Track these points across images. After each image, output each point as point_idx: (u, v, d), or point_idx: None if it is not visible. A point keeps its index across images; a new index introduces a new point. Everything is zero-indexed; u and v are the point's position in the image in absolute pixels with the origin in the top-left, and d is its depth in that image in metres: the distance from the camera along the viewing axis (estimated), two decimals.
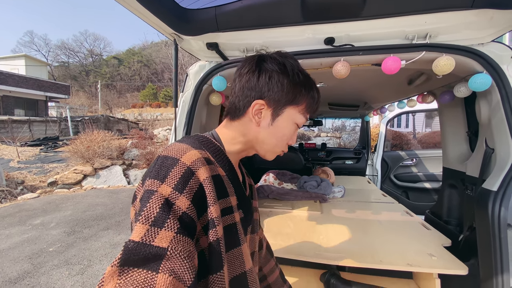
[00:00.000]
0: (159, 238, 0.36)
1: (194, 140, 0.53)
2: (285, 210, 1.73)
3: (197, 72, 1.23)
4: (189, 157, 0.45)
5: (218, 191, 0.48)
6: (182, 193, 0.41)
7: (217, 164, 0.52)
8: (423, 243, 1.22)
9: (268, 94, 0.56)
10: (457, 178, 1.32)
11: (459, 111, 1.35)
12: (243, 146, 0.60)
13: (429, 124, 12.03)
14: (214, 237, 0.44)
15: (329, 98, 2.60)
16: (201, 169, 0.45)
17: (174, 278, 0.34)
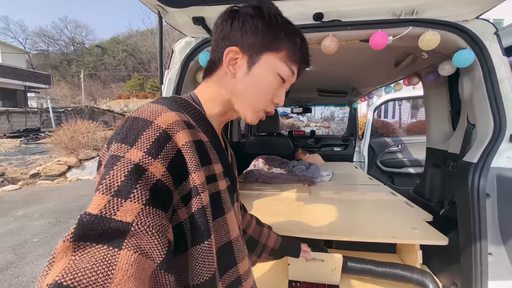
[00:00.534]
0: (123, 211, 0.30)
1: (171, 101, 0.47)
2: (274, 192, 1.74)
3: (183, 48, 1.20)
4: (165, 119, 0.39)
5: (201, 157, 0.43)
6: (156, 159, 0.35)
7: (198, 129, 0.47)
8: (406, 218, 1.26)
9: (241, 39, 0.50)
10: (440, 157, 1.36)
11: (443, 91, 1.38)
12: (223, 108, 0.54)
13: (414, 115, 12.36)
14: (198, 205, 0.39)
15: (318, 84, 2.61)
16: (179, 133, 0.39)
17: (140, 255, 0.30)
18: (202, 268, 0.39)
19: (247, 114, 0.54)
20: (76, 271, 0.26)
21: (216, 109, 0.54)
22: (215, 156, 0.49)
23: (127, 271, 0.28)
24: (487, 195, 0.86)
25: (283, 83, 0.53)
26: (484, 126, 0.98)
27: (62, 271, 0.26)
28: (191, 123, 0.45)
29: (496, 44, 0.96)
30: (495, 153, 0.89)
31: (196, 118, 0.48)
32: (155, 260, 0.31)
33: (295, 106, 3.62)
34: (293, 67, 0.53)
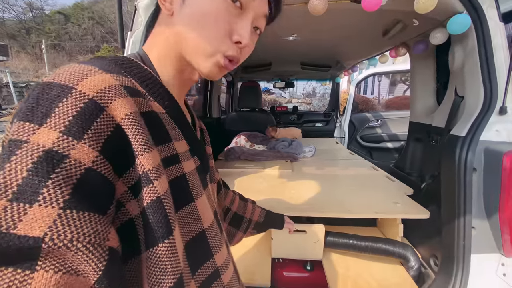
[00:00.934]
0: (28, 222, 0.21)
1: (107, 61, 0.34)
2: (256, 170, 1.68)
3: (148, 6, 1.01)
4: (93, 83, 0.27)
5: (155, 134, 0.32)
6: (81, 139, 0.24)
7: (150, 97, 0.36)
8: (387, 193, 1.26)
9: None
10: (423, 131, 1.35)
11: (430, 63, 1.33)
12: (176, 63, 0.41)
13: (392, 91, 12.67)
14: (151, 196, 0.29)
15: (301, 57, 2.48)
16: (117, 102, 0.28)
17: (65, 273, 0.22)
18: (163, 274, 0.30)
19: (199, 61, 0.39)
20: None
21: (170, 67, 0.41)
22: (176, 131, 0.38)
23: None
24: (474, 169, 0.84)
25: (239, 8, 0.38)
26: (473, 98, 0.94)
27: None
28: (137, 89, 0.33)
29: (493, 9, 0.89)
30: (484, 127, 0.86)
31: (146, 82, 0.36)
32: (89, 277, 0.22)
33: (277, 80, 3.49)
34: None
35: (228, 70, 0.41)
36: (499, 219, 0.82)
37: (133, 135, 0.28)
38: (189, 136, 0.41)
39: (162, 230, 0.29)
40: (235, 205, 0.76)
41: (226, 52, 0.39)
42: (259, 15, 0.41)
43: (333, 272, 1.07)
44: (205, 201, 0.41)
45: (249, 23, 0.39)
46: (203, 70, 0.40)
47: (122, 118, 0.28)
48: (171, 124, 0.38)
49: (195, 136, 0.44)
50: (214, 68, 0.40)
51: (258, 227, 0.82)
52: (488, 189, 0.83)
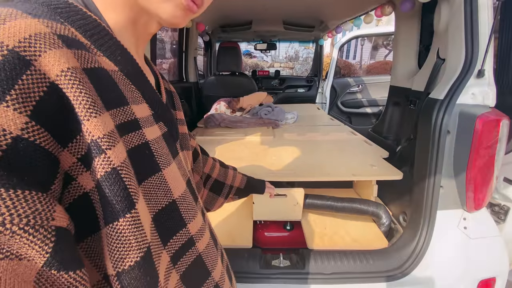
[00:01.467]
0: None
1: (37, 5, 0.26)
2: (237, 137, 1.65)
3: None
4: (14, 30, 0.21)
5: (105, 95, 0.27)
6: (1, 102, 0.19)
7: (97, 51, 0.29)
8: (365, 156, 1.30)
9: None
10: (402, 95, 1.36)
11: (415, 23, 1.29)
12: (128, 11, 0.33)
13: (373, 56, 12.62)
14: (106, 167, 0.25)
15: (284, 15, 2.32)
16: (48, 55, 0.22)
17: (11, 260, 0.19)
18: (127, 249, 0.26)
19: (156, 4, 0.32)
20: None
21: (120, 15, 0.33)
22: (134, 92, 0.33)
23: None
24: (447, 131, 0.87)
25: None
26: (454, 60, 0.93)
27: None
28: (78, 40, 0.26)
29: None
30: (462, 90, 0.87)
31: (91, 32, 0.29)
32: (35, 260, 0.19)
33: (259, 41, 3.30)
34: None
35: (193, 13, 0.34)
36: (466, 177, 0.87)
37: (74, 96, 0.23)
38: (152, 98, 0.36)
39: (122, 204, 0.26)
40: (215, 172, 0.75)
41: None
42: None
43: (311, 231, 1.13)
44: (176, 170, 0.37)
45: None
46: (163, 15, 0.33)
47: (58, 75, 0.22)
48: (127, 85, 0.31)
49: (159, 99, 0.38)
50: (176, 10, 0.32)
51: (239, 192, 0.82)
52: (459, 150, 0.87)
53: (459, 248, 0.90)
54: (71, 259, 0.22)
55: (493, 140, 0.83)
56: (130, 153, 0.28)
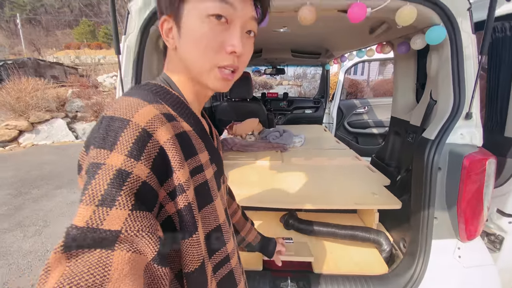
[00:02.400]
0: (110, 220, 0.30)
1: (146, 91, 0.43)
2: (248, 161, 1.77)
3: (141, 10, 1.03)
4: (143, 115, 0.37)
5: (185, 150, 0.42)
6: (138, 160, 0.34)
7: (180, 118, 0.44)
8: (367, 183, 1.39)
9: (162, 3, 0.45)
10: (401, 126, 1.46)
11: (411, 63, 1.41)
12: (192, 85, 0.49)
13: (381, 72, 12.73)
14: (184, 202, 0.39)
15: (291, 44, 2.50)
16: (160, 130, 0.37)
17: (133, 253, 0.31)
18: (191, 259, 0.41)
19: (203, 78, 0.46)
20: (73, 276, 0.27)
21: (189, 89, 0.49)
22: (200, 144, 0.47)
23: (122, 269, 0.29)
24: (439, 168, 0.97)
25: (225, 23, 0.43)
26: (444, 103, 1.04)
27: (59, 278, 0.26)
28: (171, 114, 0.42)
29: (467, 21, 0.96)
30: (451, 130, 0.97)
31: (176, 106, 0.45)
32: (148, 256, 0.33)
33: (268, 66, 3.49)
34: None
35: (230, 79, 0.47)
36: (457, 210, 0.96)
37: (172, 155, 0.38)
38: (209, 146, 0.50)
39: (190, 227, 0.41)
40: (235, 219, 0.82)
41: (220, 64, 0.44)
42: (248, 20, 0.45)
43: (317, 255, 1.22)
44: (219, 201, 0.51)
45: (238, 32, 0.43)
46: (210, 85, 0.46)
47: (164, 141, 0.38)
48: (197, 139, 0.47)
49: (213, 146, 0.53)
50: (215, 81, 0.45)
51: (249, 247, 0.87)
52: (450, 185, 0.96)
53: (454, 276, 0.97)
54: (164, 259, 0.36)
55: (480, 177, 0.92)
56: (196, 189, 0.44)
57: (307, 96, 4.65)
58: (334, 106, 3.38)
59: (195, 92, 0.50)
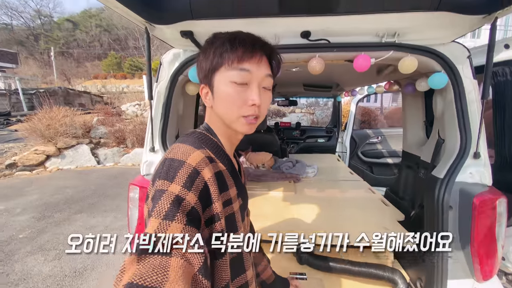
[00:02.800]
0: (171, 230, 0.41)
1: (194, 139, 0.58)
2: (262, 192, 1.83)
3: (171, 61, 1.19)
4: (194, 158, 0.51)
5: (220, 186, 0.54)
6: (190, 190, 0.47)
7: (217, 160, 0.57)
8: (381, 218, 1.40)
9: (200, 76, 0.61)
10: (413, 161, 1.49)
11: (419, 101, 1.48)
12: (227, 131, 0.62)
13: (395, 99, 12.68)
14: (218, 228, 0.51)
15: (303, 80, 2.65)
16: (205, 169, 0.51)
17: (185, 261, 0.40)
18: (220, 277, 0.52)
19: (232, 125, 0.59)
20: (142, 274, 0.36)
21: (224, 135, 0.62)
22: (231, 181, 0.59)
23: (177, 272, 0.38)
24: (450, 207, 0.99)
25: (246, 85, 0.56)
26: (452, 142, 1.09)
27: (132, 275, 0.36)
28: (212, 157, 0.56)
29: (468, 68, 1.04)
30: (460, 169, 1.01)
31: (215, 150, 0.59)
32: (195, 266, 0.42)
33: (281, 98, 3.66)
34: (240, 67, 0.55)
35: (254, 123, 0.59)
36: (471, 250, 0.96)
37: (212, 190, 0.51)
38: (238, 183, 0.62)
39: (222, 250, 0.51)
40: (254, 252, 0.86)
41: (244, 114, 0.57)
42: (263, 78, 0.58)
43: None
44: (243, 232, 0.60)
45: (256, 90, 0.56)
46: (238, 129, 0.60)
47: (208, 178, 0.51)
48: (229, 177, 0.59)
49: (241, 182, 0.65)
50: (242, 126, 0.59)
51: (262, 285, 0.90)
52: (462, 224, 0.97)
53: None
54: (208, 272, 0.44)
55: (491, 216, 0.93)
56: (226, 219, 0.55)
57: (320, 124, 4.75)
58: (347, 135, 3.43)
59: (228, 136, 0.63)
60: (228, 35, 0.57)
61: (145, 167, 1.17)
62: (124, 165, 6.42)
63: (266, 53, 0.58)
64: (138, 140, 7.25)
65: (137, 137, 7.24)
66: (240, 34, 0.57)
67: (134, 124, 7.65)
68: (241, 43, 0.55)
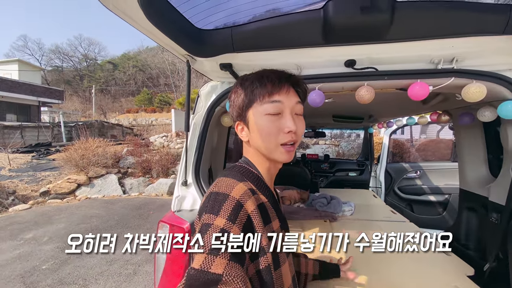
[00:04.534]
0: (215, 265, 0.42)
1: (236, 173, 0.60)
2: (294, 231, 1.65)
3: (208, 93, 1.17)
4: (238, 191, 0.52)
5: (264, 218, 0.53)
6: (234, 223, 0.47)
7: (259, 192, 0.58)
8: (445, 272, 1.16)
9: (234, 115, 0.65)
10: (477, 202, 1.27)
11: (477, 133, 1.31)
12: (266, 163, 0.63)
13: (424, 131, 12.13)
14: (265, 263, 0.50)
15: (334, 111, 2.56)
16: (248, 202, 0.51)
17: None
18: None
19: (272, 155, 0.61)
20: None
21: (263, 166, 0.63)
22: (273, 213, 0.59)
23: None
24: None
25: (279, 115, 0.59)
26: None
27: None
28: (254, 190, 0.56)
29: None
30: None
31: (256, 183, 0.60)
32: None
33: (308, 130, 3.58)
34: (271, 99, 0.59)
35: (292, 150, 0.61)
36: None
37: (256, 222, 0.51)
38: (279, 215, 0.62)
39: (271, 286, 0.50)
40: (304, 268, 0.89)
41: (282, 142, 0.59)
42: (293, 106, 0.61)
43: None
44: (287, 268, 0.58)
45: (289, 117, 0.59)
46: (278, 159, 0.61)
47: (252, 211, 0.51)
48: (271, 209, 0.59)
49: (282, 214, 0.65)
50: (281, 155, 0.60)
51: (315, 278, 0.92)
52: None
53: None
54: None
55: None
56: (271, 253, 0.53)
57: (347, 156, 4.53)
58: (381, 169, 3.19)
59: (267, 168, 0.64)
60: (256, 75, 0.62)
61: (177, 202, 1.09)
62: (148, 195, 6.48)
63: (292, 84, 0.62)
64: (163, 170, 7.39)
65: (162, 167, 7.39)
66: (266, 72, 0.61)
67: (161, 155, 7.88)
68: (268, 79, 0.59)
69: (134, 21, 0.77)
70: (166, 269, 0.99)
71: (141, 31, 0.84)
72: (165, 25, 0.82)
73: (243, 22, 0.97)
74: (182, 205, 1.09)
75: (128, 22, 0.77)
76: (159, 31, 0.81)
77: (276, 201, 0.64)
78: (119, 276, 2.79)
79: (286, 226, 0.66)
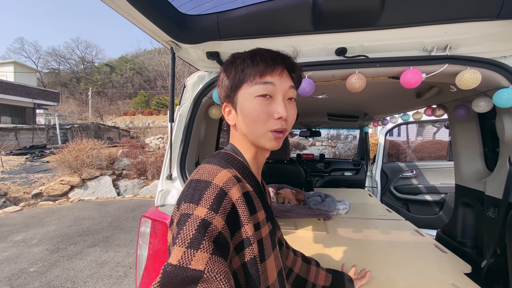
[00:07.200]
0: (196, 261, 0.37)
1: (220, 159, 0.55)
2: (288, 230, 1.61)
3: (195, 84, 1.13)
4: (221, 178, 0.47)
5: (249, 208, 0.49)
6: (217, 213, 0.42)
7: (244, 180, 0.53)
8: (442, 270, 1.12)
9: (221, 95, 0.59)
10: (473, 197, 1.24)
11: (472, 126, 1.28)
12: (253, 150, 0.58)
13: (420, 133, 12.20)
14: (251, 255, 0.45)
15: (328, 108, 2.53)
16: (233, 189, 0.47)
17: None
18: None
19: (260, 142, 0.55)
20: None
21: (250, 153, 0.58)
22: (258, 203, 0.54)
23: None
24: None
25: (270, 98, 0.54)
26: None
27: None
28: (238, 177, 0.52)
29: None
30: None
31: (242, 170, 0.55)
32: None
33: (304, 129, 3.54)
34: (263, 80, 0.53)
35: (281, 137, 0.55)
36: None
37: (241, 211, 0.46)
38: (265, 205, 0.57)
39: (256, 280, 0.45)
40: (297, 267, 0.81)
41: (271, 128, 0.53)
42: (286, 89, 0.55)
43: None
44: (272, 261, 0.53)
45: (281, 102, 0.54)
46: (265, 145, 0.55)
47: (236, 199, 0.46)
48: (256, 199, 0.54)
49: (268, 205, 0.60)
50: (269, 141, 0.55)
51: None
52: None
53: None
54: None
55: None
56: None
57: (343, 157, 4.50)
58: (377, 169, 3.15)
59: (254, 155, 0.59)
60: (248, 53, 0.56)
61: (160, 196, 1.04)
62: (143, 197, 6.39)
63: (287, 67, 0.56)
64: (158, 172, 7.30)
65: (157, 169, 7.31)
66: (260, 50, 0.56)
67: (156, 156, 7.80)
68: (262, 58, 0.54)
69: (115, 3, 0.72)
70: (148, 266, 0.93)
71: (122, 15, 0.80)
72: (147, 8, 0.78)
73: (230, 8, 0.94)
74: (166, 199, 1.04)
75: (109, 5, 0.73)
76: (141, 14, 0.77)
77: (262, 192, 0.58)
78: (109, 278, 2.71)
79: (272, 218, 0.60)
